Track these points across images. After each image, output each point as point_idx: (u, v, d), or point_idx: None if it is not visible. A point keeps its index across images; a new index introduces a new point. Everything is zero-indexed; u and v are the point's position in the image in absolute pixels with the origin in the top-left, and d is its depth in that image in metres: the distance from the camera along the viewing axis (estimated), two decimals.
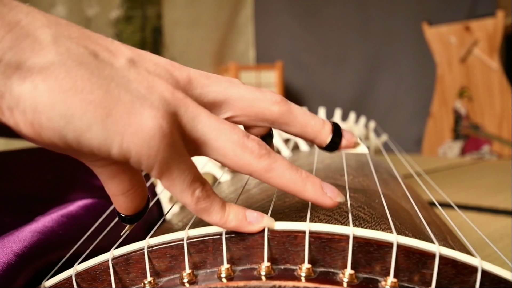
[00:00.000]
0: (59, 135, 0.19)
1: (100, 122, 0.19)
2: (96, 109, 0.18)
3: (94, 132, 0.19)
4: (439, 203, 0.35)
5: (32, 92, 0.18)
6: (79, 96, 0.18)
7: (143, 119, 0.19)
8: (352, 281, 0.21)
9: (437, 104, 2.07)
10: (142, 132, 0.19)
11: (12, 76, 0.18)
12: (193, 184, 0.21)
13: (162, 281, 0.23)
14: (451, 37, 1.97)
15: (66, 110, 0.18)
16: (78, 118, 0.18)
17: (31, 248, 0.28)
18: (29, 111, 0.18)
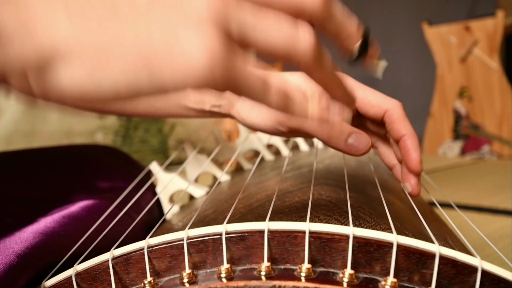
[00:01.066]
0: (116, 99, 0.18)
1: (145, 73, 0.18)
2: (136, 61, 0.18)
3: (144, 84, 0.18)
4: (439, 203, 0.35)
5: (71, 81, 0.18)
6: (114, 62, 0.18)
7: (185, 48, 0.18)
8: (352, 281, 0.21)
9: (437, 104, 2.07)
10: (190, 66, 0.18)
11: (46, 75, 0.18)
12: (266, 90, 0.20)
13: (162, 281, 0.23)
14: (451, 37, 1.97)
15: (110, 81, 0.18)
16: (125, 82, 0.18)
17: (33, 249, 0.28)
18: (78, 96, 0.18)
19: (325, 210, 0.29)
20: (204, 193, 0.46)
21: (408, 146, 0.32)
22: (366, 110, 0.34)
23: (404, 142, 0.33)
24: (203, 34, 0.18)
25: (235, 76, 0.19)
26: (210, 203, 0.38)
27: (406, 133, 0.33)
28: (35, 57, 0.17)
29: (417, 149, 0.32)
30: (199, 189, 0.46)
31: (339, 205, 0.30)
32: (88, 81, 0.18)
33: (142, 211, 0.39)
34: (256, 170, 0.48)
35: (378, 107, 0.34)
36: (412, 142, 0.32)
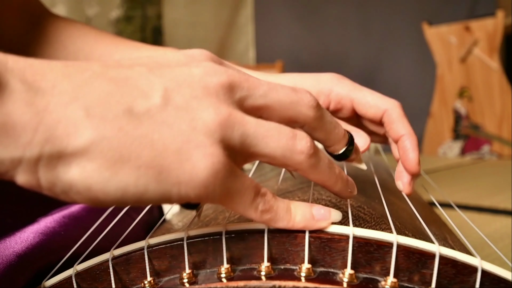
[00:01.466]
0: (121, 202, 0.19)
1: (155, 181, 0.19)
2: (148, 171, 0.18)
3: (151, 192, 0.19)
4: (439, 203, 0.35)
5: (81, 174, 0.18)
6: (128, 165, 0.18)
7: (194, 163, 0.19)
8: (352, 281, 0.21)
9: (437, 104, 2.07)
10: (197, 177, 0.19)
11: (57, 165, 0.18)
12: (254, 201, 0.21)
13: (162, 281, 0.23)
14: (451, 37, 1.97)
15: (119, 182, 0.18)
16: (133, 186, 0.18)
17: (33, 249, 0.28)
18: (84, 191, 0.18)
19: None
20: None
21: (406, 147, 0.32)
22: (364, 111, 0.34)
23: (402, 143, 0.33)
24: (210, 155, 0.19)
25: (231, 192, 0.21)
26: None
27: (404, 133, 0.33)
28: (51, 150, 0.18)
29: (415, 149, 0.32)
30: None
31: (339, 205, 0.30)
32: (98, 180, 0.18)
33: (142, 211, 0.39)
34: (256, 170, 0.48)
35: (377, 107, 0.34)
36: (410, 143, 0.32)
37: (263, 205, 0.22)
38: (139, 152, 0.18)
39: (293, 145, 0.22)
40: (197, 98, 0.20)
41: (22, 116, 0.17)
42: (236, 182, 0.21)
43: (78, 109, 0.18)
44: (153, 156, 0.19)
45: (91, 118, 0.18)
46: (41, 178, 0.18)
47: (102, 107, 0.18)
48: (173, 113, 0.20)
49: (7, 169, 0.17)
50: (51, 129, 0.17)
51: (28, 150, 0.17)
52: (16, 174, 0.18)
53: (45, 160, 0.18)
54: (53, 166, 0.18)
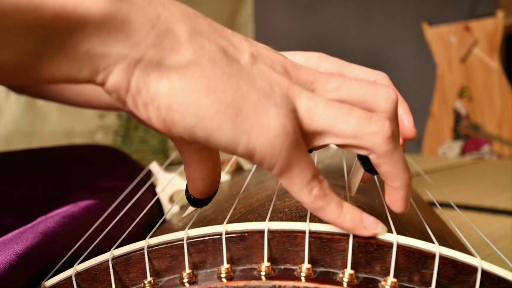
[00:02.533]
0: (189, 132, 0.19)
1: (230, 121, 0.19)
2: (227, 108, 0.19)
3: (223, 131, 0.19)
4: (439, 203, 0.35)
5: (168, 90, 0.19)
6: (212, 95, 0.19)
7: (268, 118, 0.19)
8: (352, 281, 0.21)
9: (437, 104, 2.07)
10: (268, 131, 0.19)
11: (151, 73, 0.19)
12: (311, 183, 0.21)
13: (162, 281, 0.23)
14: (451, 37, 1.97)
15: (199, 109, 0.19)
16: (210, 118, 0.19)
17: (33, 249, 0.28)
18: (164, 108, 0.19)
19: None
20: None
21: (399, 112, 0.32)
22: None
23: None
24: (284, 116, 0.20)
25: (293, 163, 0.20)
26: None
27: None
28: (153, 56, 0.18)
29: (409, 114, 0.32)
30: None
31: None
32: (181, 100, 0.19)
33: (142, 211, 0.39)
34: (256, 170, 0.48)
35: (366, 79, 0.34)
36: (403, 109, 0.32)
37: (319, 190, 0.21)
38: (225, 88, 0.19)
39: (367, 125, 0.21)
40: (276, 71, 0.21)
41: (139, 18, 0.18)
42: (300, 155, 0.20)
43: (184, 30, 0.19)
44: (236, 97, 0.19)
45: (193, 42, 0.19)
46: (133, 82, 0.19)
47: (203, 38, 0.20)
48: (257, 72, 0.21)
49: (109, 65, 0.18)
50: (160, 37, 0.19)
51: (135, 50, 0.18)
52: (112, 72, 0.18)
53: (144, 64, 0.18)
54: (148, 72, 0.19)
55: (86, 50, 0.18)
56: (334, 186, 0.36)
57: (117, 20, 0.18)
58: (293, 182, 0.21)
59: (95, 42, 0.18)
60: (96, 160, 0.49)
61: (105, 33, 0.18)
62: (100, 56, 0.18)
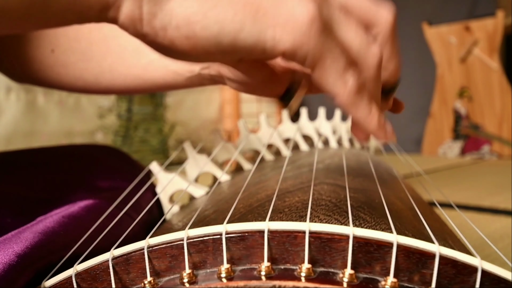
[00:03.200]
0: (215, 42, 0.19)
1: (251, 18, 0.19)
2: (245, 6, 0.19)
3: (247, 30, 0.19)
4: (439, 203, 0.35)
5: (182, 4, 0.18)
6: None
7: (290, 7, 0.19)
8: (352, 281, 0.21)
9: (437, 104, 2.07)
10: (293, 20, 0.19)
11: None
12: (345, 72, 0.21)
13: (162, 281, 0.23)
14: (451, 37, 1.97)
15: (217, 14, 0.18)
16: (231, 20, 0.18)
17: (33, 249, 0.28)
18: (183, 24, 0.18)
19: (325, 210, 0.29)
20: (204, 193, 0.46)
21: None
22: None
23: None
24: (306, 3, 0.19)
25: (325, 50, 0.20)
26: (210, 203, 0.38)
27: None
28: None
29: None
30: (199, 189, 0.46)
31: (339, 205, 0.30)
32: (198, 10, 0.18)
33: (142, 211, 0.39)
34: (256, 170, 0.48)
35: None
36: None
37: (354, 82, 0.21)
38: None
39: (371, 45, 0.21)
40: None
41: None
42: (331, 40, 0.20)
43: None
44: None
45: None
46: (144, 8, 0.18)
47: None
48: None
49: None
50: None
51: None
52: (122, 4, 0.18)
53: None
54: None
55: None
56: (335, 186, 0.36)
57: None
58: (328, 72, 0.20)
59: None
60: (96, 160, 0.49)
61: None
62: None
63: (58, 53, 0.42)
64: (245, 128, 0.57)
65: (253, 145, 0.57)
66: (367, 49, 0.21)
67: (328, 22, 0.20)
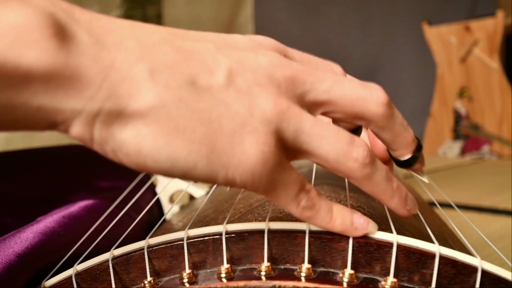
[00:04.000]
0: (165, 173, 0.19)
1: (205, 159, 0.19)
2: (200, 147, 0.18)
3: (199, 169, 0.19)
4: (439, 203, 0.35)
5: (135, 138, 0.18)
6: (182, 137, 0.18)
7: (245, 148, 0.19)
8: (352, 281, 0.21)
9: (437, 104, 2.07)
10: (246, 162, 0.19)
11: (113, 124, 0.18)
12: (297, 196, 0.21)
13: (162, 281, 0.23)
14: (451, 37, 1.97)
15: (171, 153, 0.18)
16: (184, 159, 0.18)
17: (33, 249, 0.28)
18: (133, 155, 0.18)
19: None
20: (204, 193, 0.46)
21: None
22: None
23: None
24: (262, 143, 0.19)
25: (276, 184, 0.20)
26: (210, 203, 0.38)
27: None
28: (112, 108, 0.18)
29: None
30: (199, 189, 0.46)
31: None
32: (151, 146, 0.18)
33: (142, 211, 0.39)
34: None
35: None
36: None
37: (306, 201, 0.21)
38: (196, 126, 0.18)
39: (349, 151, 0.21)
40: (260, 85, 0.20)
41: (89, 70, 0.17)
42: (283, 174, 0.20)
43: (143, 71, 0.18)
44: (208, 134, 0.19)
45: (155, 82, 0.18)
46: (95, 134, 0.18)
47: (167, 73, 0.18)
48: (234, 94, 0.19)
49: (65, 119, 0.18)
50: (115, 86, 0.17)
51: (90, 104, 0.17)
52: (72, 126, 0.18)
53: (103, 116, 0.18)
54: (110, 123, 0.18)
55: (38, 107, 0.17)
56: (335, 186, 0.36)
57: (64, 75, 0.17)
58: (279, 199, 0.21)
59: (45, 98, 0.17)
60: (96, 159, 0.49)
61: (53, 89, 0.17)
62: (55, 112, 0.17)
63: None
64: None
65: None
66: (345, 156, 0.21)
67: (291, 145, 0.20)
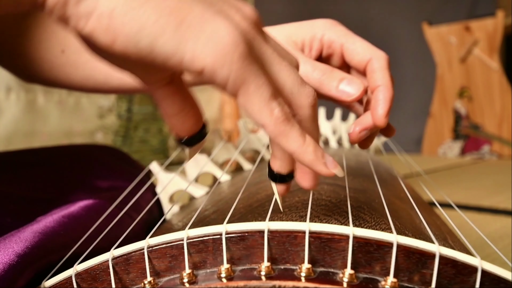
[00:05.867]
0: (133, 41, 0.19)
1: (174, 27, 0.19)
2: (170, 14, 0.19)
3: (167, 37, 0.19)
4: (439, 203, 0.35)
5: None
6: (154, 1, 0.18)
7: (216, 26, 0.19)
8: (352, 281, 0.21)
9: (437, 104, 2.07)
10: (216, 37, 0.19)
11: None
12: (271, 101, 0.20)
13: (162, 281, 0.23)
14: (451, 37, 1.97)
15: (140, 14, 0.18)
16: (152, 23, 0.18)
17: (32, 249, 0.28)
18: (105, 15, 0.18)
19: (325, 210, 0.29)
20: (204, 193, 0.46)
21: (378, 97, 0.32)
22: (351, 57, 0.34)
23: (376, 93, 0.32)
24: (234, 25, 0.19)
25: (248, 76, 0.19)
26: (210, 203, 0.38)
27: (381, 84, 0.32)
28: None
29: (386, 102, 0.31)
30: (199, 189, 0.46)
31: (339, 205, 0.30)
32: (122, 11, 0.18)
33: (142, 211, 0.39)
34: (256, 170, 0.48)
35: (363, 55, 0.33)
36: (384, 94, 0.32)
37: (280, 111, 0.20)
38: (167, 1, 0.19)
39: (304, 86, 0.21)
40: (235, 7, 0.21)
41: None
42: (256, 68, 0.20)
43: None
44: (179, 7, 0.19)
45: None
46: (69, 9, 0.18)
47: None
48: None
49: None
50: None
51: None
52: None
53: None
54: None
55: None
56: (334, 186, 0.36)
57: None
58: (251, 99, 0.20)
59: None
60: (96, 159, 0.49)
61: None
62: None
63: (68, 53, 0.42)
64: (245, 128, 0.57)
65: (253, 145, 0.57)
66: (300, 89, 0.21)
67: (258, 55, 0.20)
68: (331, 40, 0.35)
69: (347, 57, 0.35)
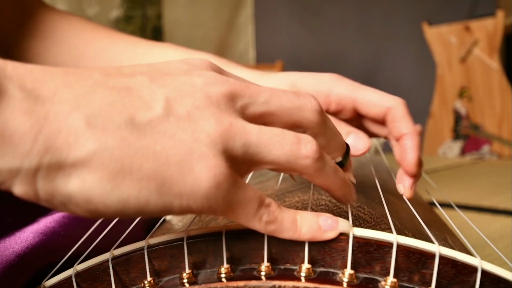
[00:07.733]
0: (120, 215, 0.19)
1: (156, 193, 0.18)
2: (149, 183, 0.18)
3: (153, 204, 0.19)
4: (439, 203, 0.35)
5: (82, 187, 0.18)
6: (130, 176, 0.18)
7: (196, 174, 0.19)
8: (352, 281, 0.21)
9: (437, 104, 2.07)
10: (199, 188, 0.19)
11: (57, 177, 0.17)
12: (257, 212, 0.21)
13: (162, 281, 0.23)
14: (451, 37, 1.97)
15: (120, 194, 0.18)
16: (135, 198, 0.18)
17: (33, 249, 0.28)
18: (84, 204, 0.18)
19: (325, 210, 0.29)
20: None
21: (406, 146, 0.32)
22: (367, 110, 0.34)
23: (403, 141, 0.32)
24: (212, 166, 0.19)
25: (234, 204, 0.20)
26: None
27: (407, 132, 0.32)
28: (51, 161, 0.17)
29: (415, 150, 0.32)
30: None
31: (339, 205, 0.30)
32: (99, 193, 0.18)
33: None
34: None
35: (380, 105, 0.33)
36: (411, 142, 0.32)
37: (267, 216, 0.21)
38: (141, 163, 0.18)
39: (298, 150, 0.21)
40: (199, 108, 0.20)
41: (21, 124, 0.17)
42: (238, 193, 0.20)
43: (79, 119, 0.18)
44: (155, 168, 0.18)
45: (93, 128, 0.18)
46: (40, 190, 0.18)
47: (104, 117, 0.18)
48: (175, 124, 0.19)
49: (4, 180, 0.17)
50: (51, 138, 0.17)
51: (27, 160, 0.17)
52: (13, 185, 0.17)
53: (44, 171, 0.17)
54: (52, 177, 0.17)
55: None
56: None
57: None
58: (240, 218, 0.21)
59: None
60: None
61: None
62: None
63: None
64: None
65: None
66: (297, 154, 0.21)
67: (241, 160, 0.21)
68: (341, 96, 0.35)
69: (363, 111, 0.34)
